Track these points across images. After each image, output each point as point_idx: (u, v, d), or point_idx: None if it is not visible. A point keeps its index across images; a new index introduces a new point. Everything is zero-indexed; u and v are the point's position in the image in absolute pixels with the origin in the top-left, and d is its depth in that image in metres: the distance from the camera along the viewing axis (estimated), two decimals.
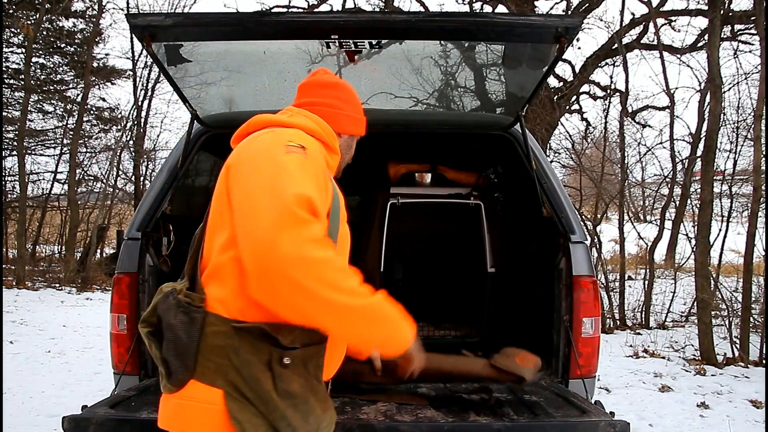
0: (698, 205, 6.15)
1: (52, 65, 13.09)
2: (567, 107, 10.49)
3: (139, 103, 12.86)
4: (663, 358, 5.74)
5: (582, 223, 2.60)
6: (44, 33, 12.07)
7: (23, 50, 11.79)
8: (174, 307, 1.22)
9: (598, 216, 8.05)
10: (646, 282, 7.33)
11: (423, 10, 9.87)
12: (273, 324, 1.17)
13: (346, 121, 1.51)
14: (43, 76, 12.84)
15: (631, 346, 6.13)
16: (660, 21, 8.83)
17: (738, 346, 5.54)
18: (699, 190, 6.22)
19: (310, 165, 1.21)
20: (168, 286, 1.29)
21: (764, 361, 5.34)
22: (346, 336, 1.23)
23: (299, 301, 1.09)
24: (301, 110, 1.45)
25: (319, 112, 1.46)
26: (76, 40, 12.91)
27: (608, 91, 9.69)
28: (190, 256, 1.32)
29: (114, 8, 13.54)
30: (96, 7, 12.40)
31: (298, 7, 10.93)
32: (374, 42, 2.04)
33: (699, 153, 6.76)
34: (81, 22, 12.89)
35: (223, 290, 1.21)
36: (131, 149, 12.99)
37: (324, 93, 1.51)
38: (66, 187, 12.34)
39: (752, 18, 6.91)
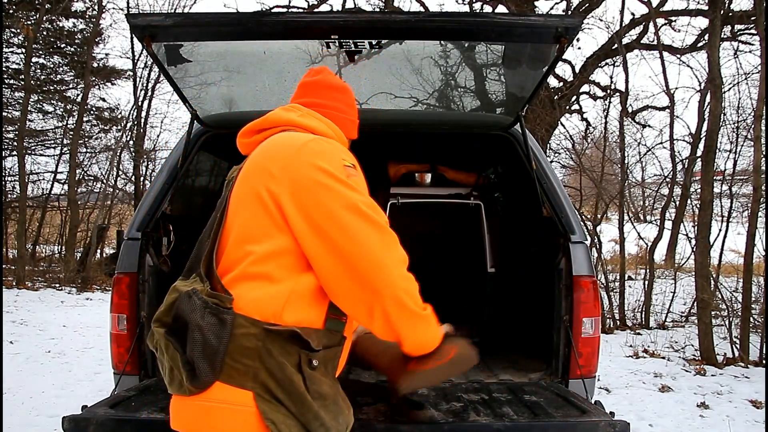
0: (698, 205, 6.15)
1: (52, 65, 13.10)
2: (567, 107, 10.49)
3: (139, 103, 12.88)
4: (663, 358, 5.74)
5: (582, 223, 2.60)
6: (44, 33, 12.08)
7: (23, 50, 11.80)
8: (201, 308, 1.19)
9: (598, 216, 8.05)
10: (646, 282, 7.33)
11: (423, 10, 9.87)
12: (305, 328, 1.20)
13: (351, 127, 1.52)
14: (43, 76, 12.84)
15: (631, 346, 6.13)
16: (660, 21, 8.83)
17: (738, 346, 5.54)
18: (699, 190, 6.22)
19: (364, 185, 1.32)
20: (185, 286, 1.26)
21: (764, 361, 5.34)
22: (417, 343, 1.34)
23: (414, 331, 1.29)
24: (312, 112, 1.44)
25: (329, 115, 1.46)
26: (76, 40, 12.92)
27: (608, 91, 9.69)
28: (205, 256, 1.30)
29: (114, 8, 13.57)
30: (96, 7, 12.41)
31: (298, 7, 10.93)
32: (374, 42, 2.04)
33: (699, 153, 6.76)
34: (81, 22, 12.92)
35: (258, 293, 1.21)
36: (131, 149, 13.00)
37: (333, 96, 1.51)
38: (66, 187, 12.34)
39: (752, 18, 6.91)
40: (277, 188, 1.24)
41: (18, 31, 11.52)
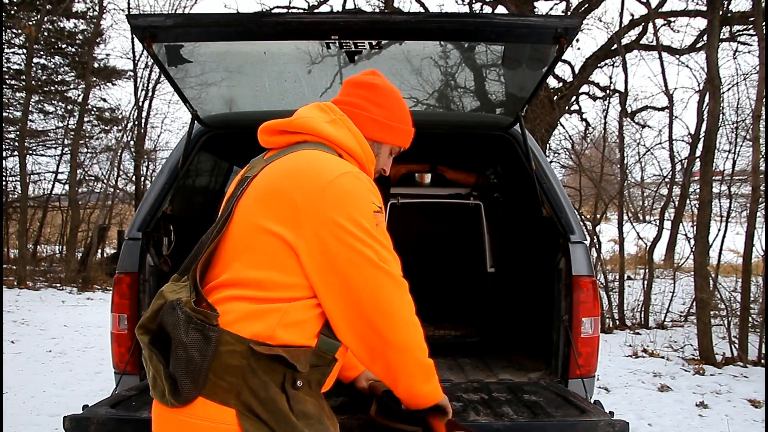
0: (697, 205, 6.17)
1: (53, 66, 13.11)
2: (566, 108, 10.49)
3: (140, 104, 12.88)
4: (662, 357, 5.75)
5: (581, 223, 2.61)
6: (45, 33, 12.08)
7: (24, 51, 11.81)
8: (184, 323, 1.15)
9: (598, 216, 8.06)
10: (646, 282, 7.34)
11: (423, 10, 9.87)
12: (293, 350, 1.18)
13: (372, 125, 1.43)
14: (44, 77, 12.84)
15: (630, 345, 6.14)
16: (659, 22, 8.84)
17: (737, 345, 5.55)
18: (698, 191, 6.23)
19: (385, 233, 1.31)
20: (171, 293, 1.22)
21: (763, 361, 5.35)
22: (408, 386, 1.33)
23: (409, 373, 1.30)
24: (345, 118, 1.40)
25: (347, 111, 1.41)
26: (77, 41, 12.92)
27: (607, 91, 9.71)
28: (202, 260, 1.25)
29: (115, 9, 13.55)
30: (97, 7, 12.41)
31: (298, 8, 10.95)
32: (374, 42, 2.05)
33: (698, 153, 6.78)
34: (82, 23, 12.92)
35: (249, 311, 1.18)
36: (132, 149, 13.01)
37: (354, 92, 1.45)
38: (67, 187, 12.36)
39: (751, 19, 6.91)
40: (297, 223, 1.20)
41: (19, 31, 11.52)
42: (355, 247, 1.20)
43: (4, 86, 11.46)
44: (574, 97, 10.64)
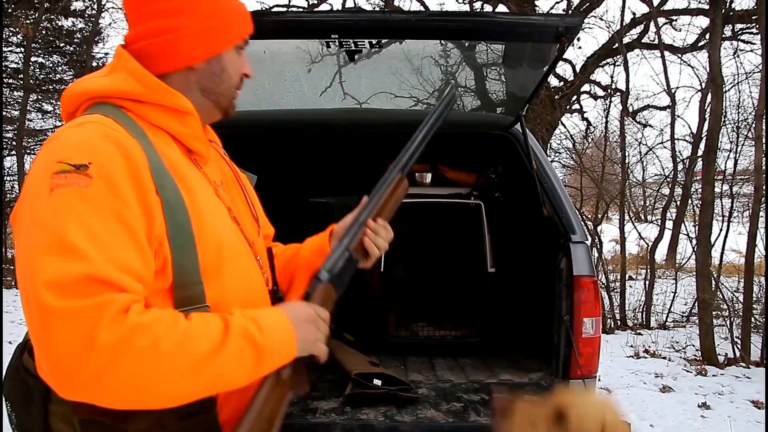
0: (699, 205, 6.14)
1: (51, 65, 13.09)
2: (567, 107, 10.47)
3: None
4: (664, 358, 5.73)
5: (582, 223, 2.59)
6: (43, 32, 12.07)
7: (22, 49, 11.79)
8: (14, 371, 0.94)
9: (599, 216, 8.04)
10: (647, 282, 7.32)
11: (423, 9, 9.85)
12: (118, 413, 0.81)
13: (189, 44, 0.95)
14: (42, 76, 12.84)
15: (631, 346, 6.12)
16: (661, 20, 8.82)
17: (739, 346, 5.53)
18: (700, 190, 6.21)
19: (97, 199, 0.79)
20: None
21: (765, 362, 5.33)
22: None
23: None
24: (123, 55, 0.95)
25: (135, 51, 0.95)
26: (76, 40, 12.91)
27: (609, 90, 9.68)
28: None
29: (113, 7, 13.50)
30: (95, 6, 12.41)
31: (298, 7, 10.91)
32: (374, 42, 2.04)
33: (700, 153, 6.76)
34: (80, 22, 12.90)
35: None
36: None
37: (145, 13, 0.95)
38: None
39: (753, 17, 6.90)
40: None
41: (17, 30, 11.51)
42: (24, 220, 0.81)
43: (2, 85, 11.45)
44: (575, 96, 10.62)
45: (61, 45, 12.92)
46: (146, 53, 0.94)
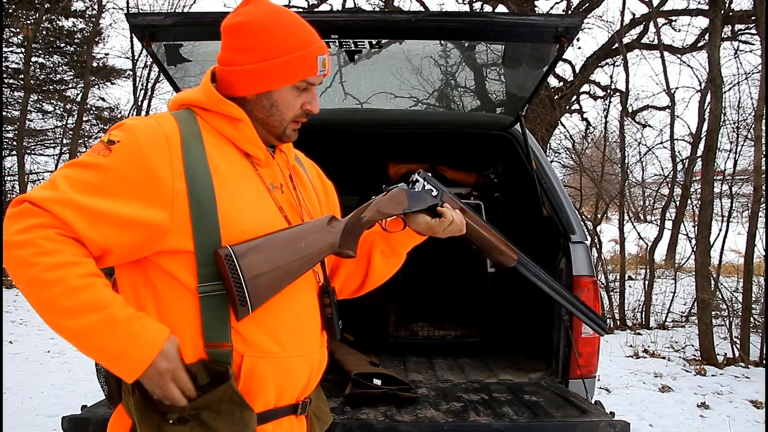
0: (698, 205, 6.15)
1: (51, 65, 13.09)
2: (567, 107, 10.48)
3: (139, 103, 12.86)
4: (663, 358, 5.74)
5: (582, 223, 2.60)
6: (44, 32, 12.07)
7: (23, 50, 11.79)
8: None
9: (598, 216, 8.05)
10: (647, 282, 7.33)
11: (423, 9, 9.86)
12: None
13: (243, 79, 1.11)
14: (42, 76, 12.83)
15: (631, 346, 6.12)
16: (660, 21, 8.82)
17: (738, 346, 5.53)
18: (699, 190, 6.22)
19: (102, 167, 0.99)
20: None
21: (764, 362, 5.34)
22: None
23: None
24: (207, 72, 1.19)
25: (218, 71, 1.16)
26: (76, 40, 12.91)
27: (608, 90, 9.69)
28: None
29: (114, 8, 13.51)
30: (96, 6, 12.40)
31: (298, 7, 10.92)
32: (374, 42, 2.04)
33: (699, 153, 6.76)
34: (81, 22, 12.89)
35: None
36: None
37: (222, 45, 1.16)
38: None
39: (753, 18, 6.90)
40: None
41: (17, 30, 11.51)
42: None
43: (2, 85, 11.45)
44: (574, 97, 10.63)
45: (62, 45, 12.92)
46: (220, 76, 1.15)
